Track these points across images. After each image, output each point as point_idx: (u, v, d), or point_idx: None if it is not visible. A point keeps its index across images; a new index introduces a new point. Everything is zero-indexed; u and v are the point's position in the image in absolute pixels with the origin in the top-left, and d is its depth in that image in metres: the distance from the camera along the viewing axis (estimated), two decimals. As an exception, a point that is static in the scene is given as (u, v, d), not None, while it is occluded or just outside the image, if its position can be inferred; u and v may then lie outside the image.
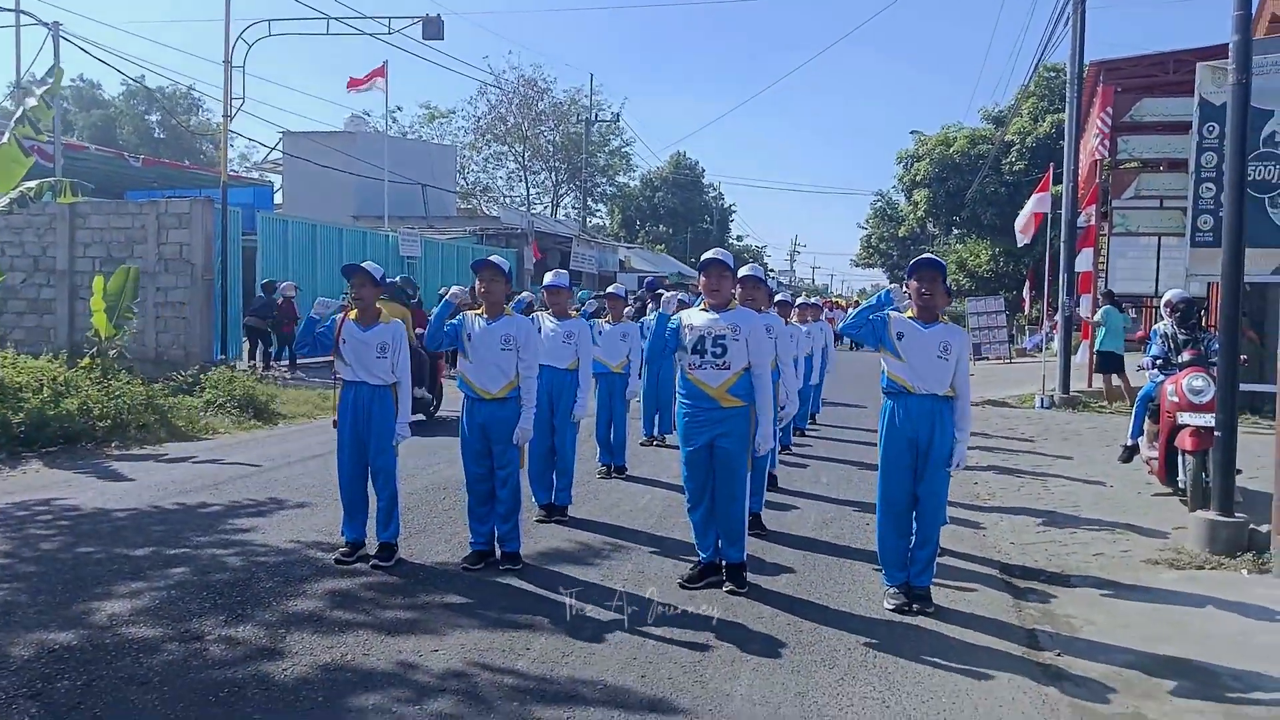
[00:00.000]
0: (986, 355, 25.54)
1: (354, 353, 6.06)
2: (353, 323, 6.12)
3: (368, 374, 6.05)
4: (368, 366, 6.04)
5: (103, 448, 10.22)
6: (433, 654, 4.64)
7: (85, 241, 16.30)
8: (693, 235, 65.24)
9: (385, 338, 6.06)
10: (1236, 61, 6.56)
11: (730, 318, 5.65)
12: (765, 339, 5.79)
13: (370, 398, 6.06)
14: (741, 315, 5.73)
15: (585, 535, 6.98)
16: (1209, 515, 6.73)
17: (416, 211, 34.96)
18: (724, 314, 5.67)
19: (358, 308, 6.14)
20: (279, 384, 15.14)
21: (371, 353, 6.02)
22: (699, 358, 5.63)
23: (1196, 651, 4.86)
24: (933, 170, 40.83)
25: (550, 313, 7.75)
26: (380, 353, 6.03)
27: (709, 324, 5.64)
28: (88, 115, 59.48)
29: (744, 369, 5.62)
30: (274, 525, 7.07)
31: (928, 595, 5.42)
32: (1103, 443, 11.65)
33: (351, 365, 6.07)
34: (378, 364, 6.04)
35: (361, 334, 6.06)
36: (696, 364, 5.65)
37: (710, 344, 5.60)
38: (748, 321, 5.68)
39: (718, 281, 5.67)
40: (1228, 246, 6.65)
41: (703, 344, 5.62)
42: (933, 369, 5.30)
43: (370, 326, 6.08)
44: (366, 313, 6.09)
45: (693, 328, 5.68)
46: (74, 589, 5.49)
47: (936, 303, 5.41)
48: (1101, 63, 19.00)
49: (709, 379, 5.63)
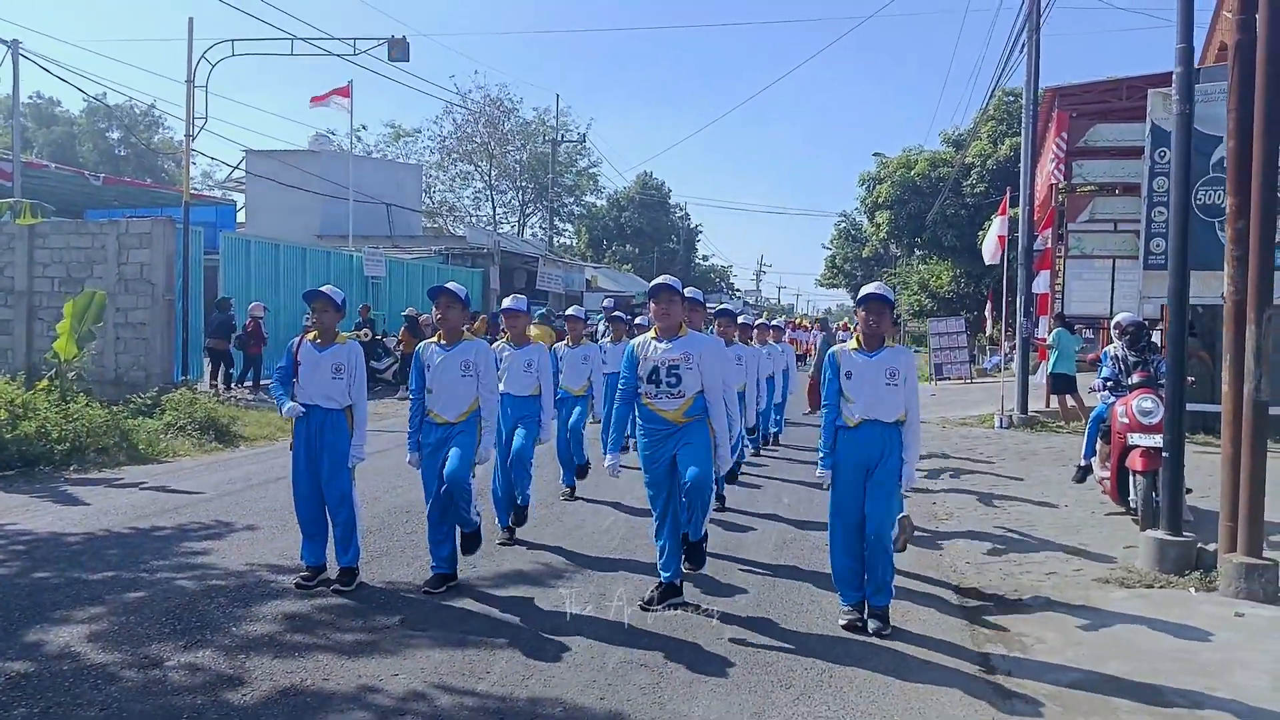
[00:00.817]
0: (948, 375, 25.85)
1: (308, 374, 6.05)
2: (309, 343, 6.12)
3: (322, 397, 6.03)
4: (322, 389, 6.02)
5: (61, 471, 10.12)
6: (393, 677, 4.66)
7: (44, 261, 16.12)
8: (659, 255, 65.51)
9: (341, 359, 6.06)
10: (1180, 92, 6.78)
11: (681, 345, 5.74)
12: (716, 362, 5.85)
13: (323, 421, 6.05)
14: (692, 341, 5.81)
15: (547, 557, 7.01)
16: (1158, 535, 6.88)
17: (381, 231, 34.85)
18: (675, 341, 5.75)
19: (319, 330, 6.15)
20: (241, 406, 15.05)
21: (326, 373, 6.02)
22: (654, 388, 5.73)
23: (1143, 669, 4.98)
24: (894, 192, 41.29)
25: (508, 338, 7.72)
26: (335, 374, 6.02)
27: (661, 355, 5.73)
28: (48, 132, 58.88)
29: (697, 393, 5.72)
30: (232, 549, 7.04)
31: (883, 615, 5.47)
32: (1058, 463, 11.85)
33: (305, 388, 6.05)
34: (332, 385, 6.02)
35: (317, 354, 6.06)
36: (653, 394, 5.74)
37: (665, 374, 5.70)
38: (699, 347, 5.77)
39: (667, 306, 5.76)
40: (1173, 270, 6.84)
41: (657, 374, 5.72)
42: (881, 398, 5.39)
43: (326, 347, 6.09)
44: (325, 335, 6.10)
45: (646, 359, 5.76)
46: (30, 615, 5.45)
47: (882, 332, 5.53)
48: (1057, 89, 19.40)
49: (665, 406, 5.73)
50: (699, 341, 5.87)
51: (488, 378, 6.16)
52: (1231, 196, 6.35)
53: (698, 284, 64.60)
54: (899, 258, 50.23)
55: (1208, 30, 17.01)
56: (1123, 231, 18.46)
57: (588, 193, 64.15)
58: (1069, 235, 19.26)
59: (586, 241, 65.28)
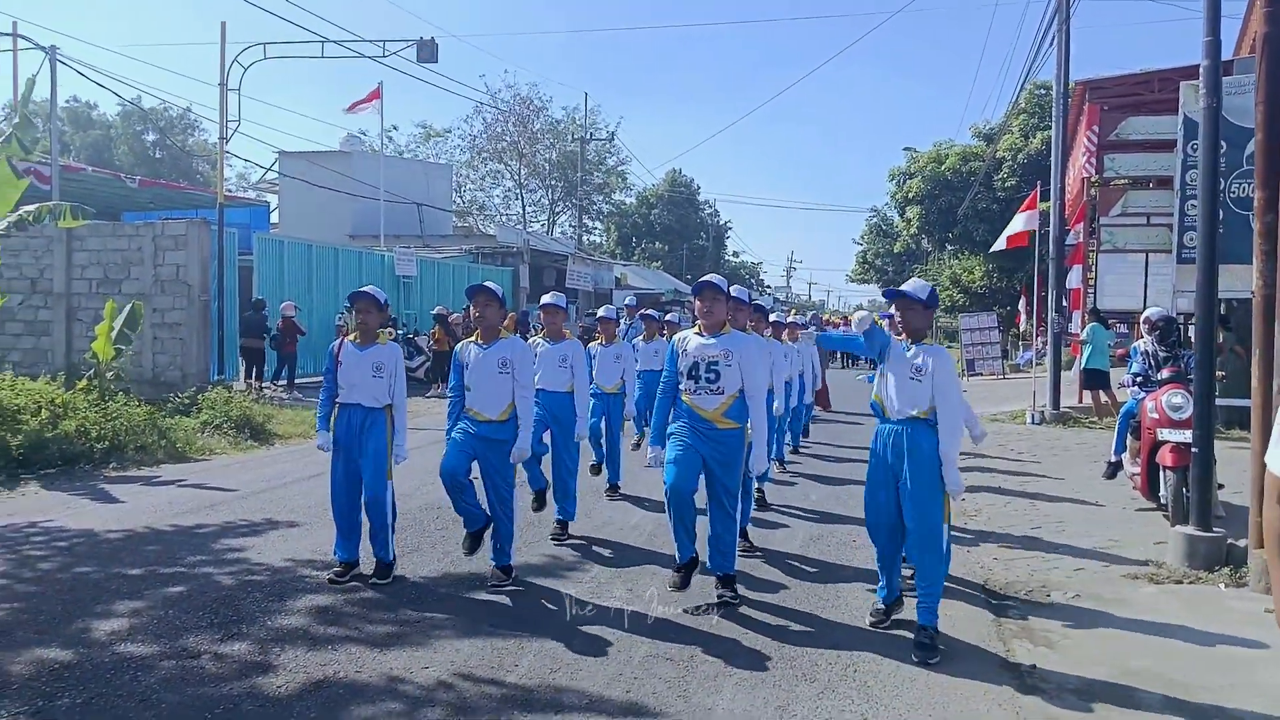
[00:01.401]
0: (980, 371, 25.71)
1: (349, 373, 6.17)
2: (350, 343, 6.25)
3: (363, 395, 6.14)
4: (363, 388, 6.14)
5: (100, 469, 10.33)
6: (423, 669, 4.75)
7: (82, 264, 16.42)
8: (689, 252, 65.53)
9: (381, 358, 6.17)
10: (1207, 86, 6.74)
11: (724, 342, 5.77)
12: (758, 362, 5.88)
13: (364, 420, 6.16)
14: (734, 339, 5.83)
15: (575, 552, 7.10)
16: (1188, 530, 6.84)
17: (412, 230, 35.14)
18: (718, 338, 5.78)
19: (361, 331, 6.27)
20: (276, 404, 15.26)
21: (367, 373, 6.13)
22: (694, 383, 5.75)
23: (1171, 665, 4.98)
24: (925, 187, 41.07)
25: (545, 334, 7.82)
26: (375, 373, 6.14)
27: (702, 349, 5.76)
28: (84, 135, 59.81)
29: (738, 392, 5.75)
30: (268, 545, 7.18)
31: (926, 637, 5.08)
32: (1090, 459, 11.78)
33: (346, 387, 6.18)
34: (374, 384, 6.14)
35: (359, 353, 6.18)
36: (692, 389, 5.76)
37: (704, 369, 5.72)
38: (740, 345, 5.79)
39: (710, 304, 5.79)
40: (1202, 265, 6.80)
41: (697, 369, 5.74)
42: (905, 390, 5.32)
43: (367, 347, 6.20)
44: (366, 334, 6.22)
45: (686, 353, 5.80)
46: (72, 608, 5.59)
47: (910, 328, 5.46)
48: (1087, 82, 19.19)
49: (704, 403, 5.74)
50: (741, 340, 5.88)
51: (524, 376, 6.23)
52: (1260, 190, 6.31)
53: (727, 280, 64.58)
54: (930, 253, 49.92)
55: (1242, 20, 16.79)
56: (1156, 225, 18.24)
57: (617, 191, 64.27)
58: (1101, 229, 19.06)
59: (616, 239, 65.41)
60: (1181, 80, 14.26)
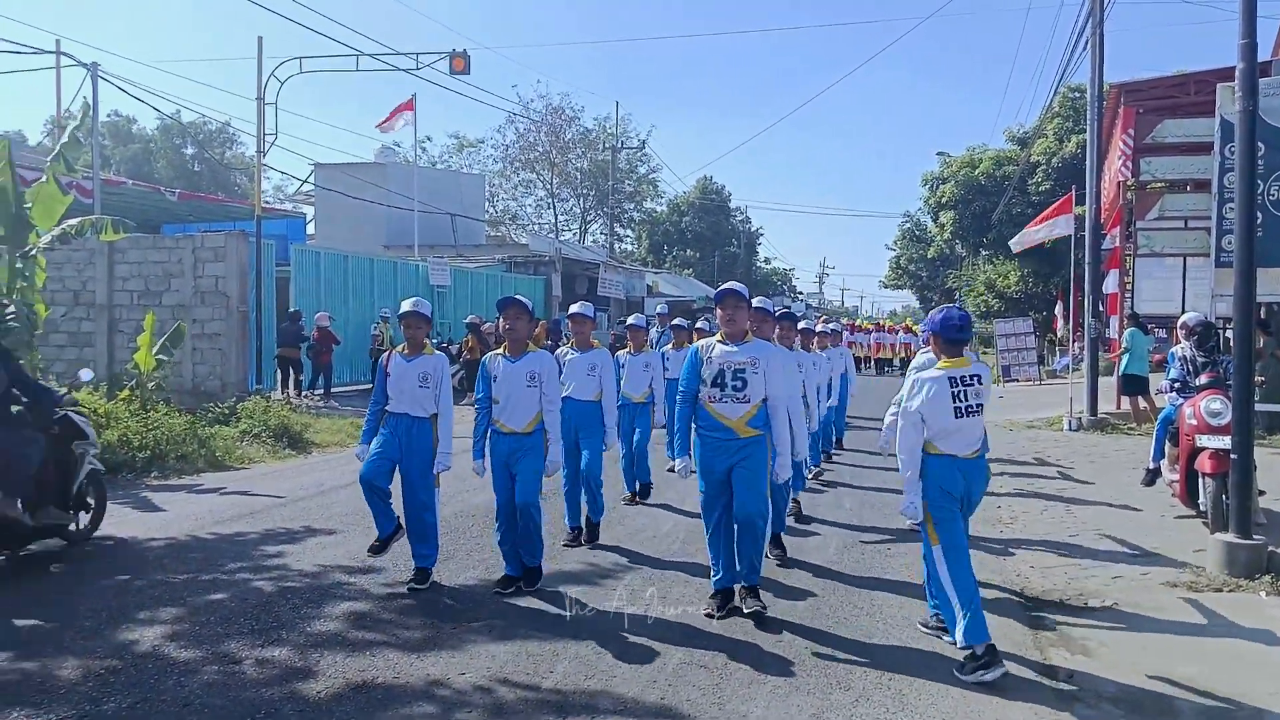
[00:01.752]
0: (1016, 377, 25.46)
1: (397, 383, 6.31)
2: (398, 355, 6.39)
3: (409, 405, 6.26)
4: (410, 397, 6.26)
5: (142, 478, 10.51)
6: (459, 675, 4.81)
7: (124, 275, 16.71)
8: (720, 259, 65.45)
9: (427, 368, 6.31)
10: (1243, 89, 6.68)
11: (748, 350, 5.76)
12: (781, 370, 5.90)
13: (410, 428, 6.27)
14: (759, 347, 5.83)
15: (609, 559, 7.14)
16: (1228, 538, 6.76)
17: (446, 240, 35.40)
18: (741, 346, 5.77)
19: (408, 342, 6.41)
20: (313, 413, 15.44)
21: (414, 382, 6.25)
22: (719, 390, 5.72)
23: (1211, 674, 4.93)
24: (958, 192, 40.79)
25: (573, 343, 7.87)
26: (422, 383, 6.26)
27: (726, 356, 5.76)
28: (124, 150, 60.78)
29: (762, 401, 5.75)
30: (305, 552, 7.28)
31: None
32: (1128, 466, 11.65)
33: (394, 397, 6.31)
34: (420, 394, 6.26)
35: (406, 364, 6.32)
36: (716, 397, 5.74)
37: (730, 377, 5.71)
38: (765, 353, 5.80)
39: (733, 312, 5.79)
40: (1239, 269, 6.73)
41: (722, 377, 5.72)
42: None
43: (414, 358, 6.33)
44: (414, 346, 6.36)
45: (711, 361, 5.79)
46: (116, 615, 5.71)
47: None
48: (1122, 85, 19.04)
49: (729, 412, 5.72)
50: (765, 348, 5.88)
51: (551, 389, 6.29)
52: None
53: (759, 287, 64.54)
54: (965, 258, 49.56)
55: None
56: (1193, 229, 18.05)
57: (648, 199, 64.37)
58: (1138, 233, 18.88)
59: (647, 247, 65.48)
60: (1218, 82, 14.10)
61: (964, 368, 5.16)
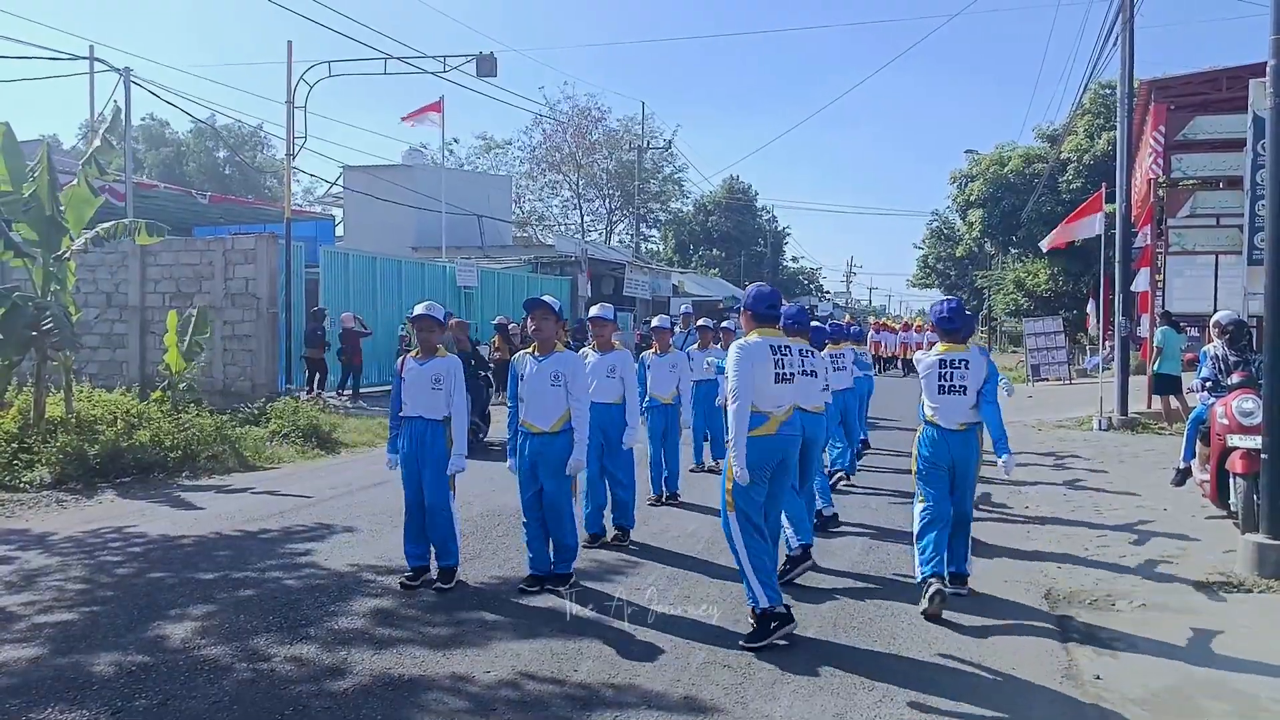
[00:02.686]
0: (1046, 376, 25.25)
1: (410, 387, 6.36)
2: (412, 359, 6.44)
3: (422, 408, 6.32)
4: (423, 400, 6.31)
5: (174, 477, 10.65)
6: (485, 672, 4.85)
7: (155, 278, 16.94)
8: (746, 259, 65.34)
9: (440, 371, 6.33)
10: (1274, 85, 6.60)
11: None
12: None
13: (424, 431, 6.33)
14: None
15: (633, 559, 7.16)
16: (1258, 538, 6.69)
17: (473, 241, 35.54)
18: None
19: (421, 346, 6.46)
20: (341, 413, 15.57)
21: (427, 386, 6.29)
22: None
23: (1239, 676, 4.88)
24: (987, 190, 40.51)
25: (594, 345, 7.83)
26: (435, 384, 6.29)
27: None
28: (157, 153, 61.52)
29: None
30: (334, 551, 7.35)
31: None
32: (1159, 466, 11.53)
33: (409, 401, 6.37)
34: (432, 396, 6.29)
35: (419, 368, 6.35)
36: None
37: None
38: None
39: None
40: (1270, 268, 6.66)
41: None
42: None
43: (427, 361, 6.36)
44: (426, 349, 6.40)
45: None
46: (149, 612, 5.80)
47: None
48: (1152, 81, 18.81)
49: None
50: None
51: (577, 387, 6.33)
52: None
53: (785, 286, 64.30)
54: (994, 256, 49.19)
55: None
56: (1225, 226, 17.84)
57: (674, 198, 64.35)
58: (1169, 231, 18.66)
59: (673, 246, 65.47)
60: (1250, 78, 13.93)
61: (956, 353, 6.21)
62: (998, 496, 9.73)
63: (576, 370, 6.39)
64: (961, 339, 6.35)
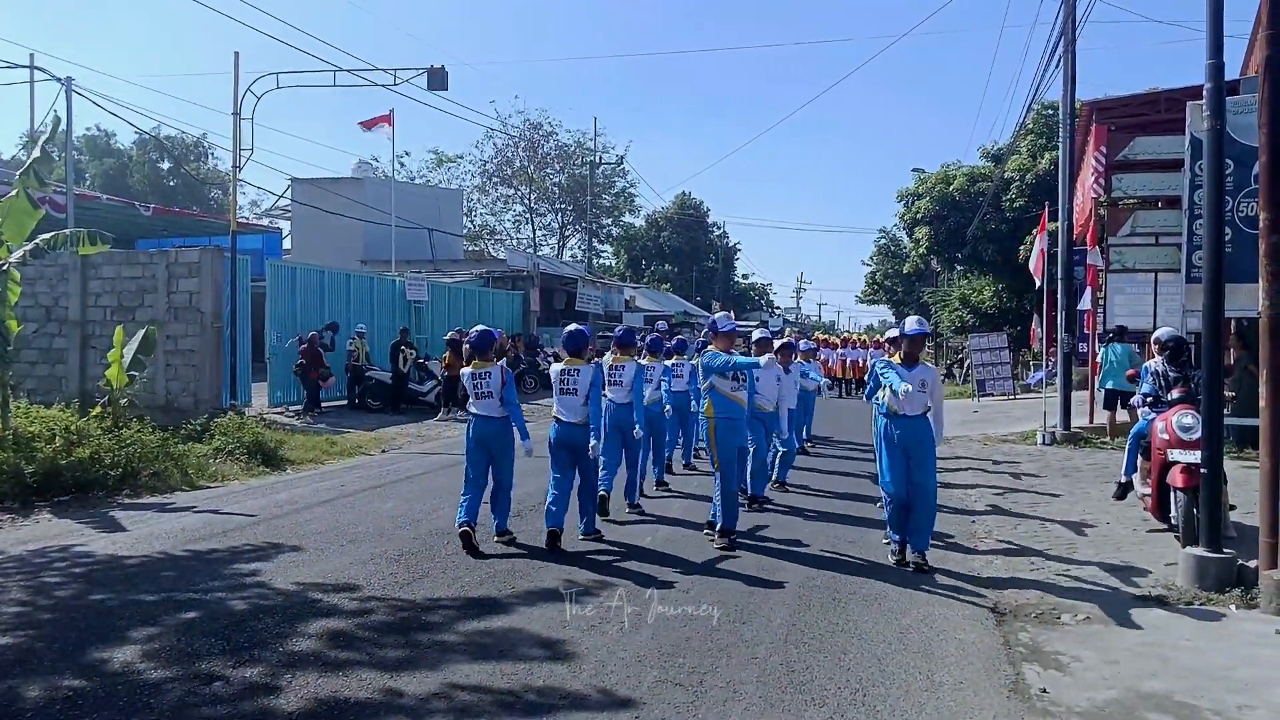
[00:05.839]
0: (991, 391, 25.60)
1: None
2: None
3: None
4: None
5: (114, 496, 10.39)
6: (432, 694, 4.77)
7: (97, 291, 16.57)
8: (698, 274, 65.64)
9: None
10: (1210, 108, 6.79)
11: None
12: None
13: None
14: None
15: (581, 574, 7.11)
16: (1199, 552, 6.83)
17: (424, 255, 35.32)
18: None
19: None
20: (288, 430, 15.32)
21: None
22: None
23: (1182, 687, 4.97)
24: (933, 208, 41.03)
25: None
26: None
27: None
28: (100, 164, 60.34)
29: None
30: (279, 570, 7.22)
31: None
32: (1101, 479, 11.74)
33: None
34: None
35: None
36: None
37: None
38: None
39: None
40: (1207, 287, 6.82)
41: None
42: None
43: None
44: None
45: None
46: (88, 635, 5.64)
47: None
48: (1094, 102, 19.23)
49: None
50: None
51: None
52: (1264, 211, 6.34)
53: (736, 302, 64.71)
54: (939, 273, 49.87)
55: (1249, 40, 16.83)
56: (1164, 245, 18.23)
57: (626, 214, 64.54)
58: (1110, 249, 19.05)
59: (625, 262, 65.59)
60: (1188, 100, 14.29)
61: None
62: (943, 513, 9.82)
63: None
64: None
